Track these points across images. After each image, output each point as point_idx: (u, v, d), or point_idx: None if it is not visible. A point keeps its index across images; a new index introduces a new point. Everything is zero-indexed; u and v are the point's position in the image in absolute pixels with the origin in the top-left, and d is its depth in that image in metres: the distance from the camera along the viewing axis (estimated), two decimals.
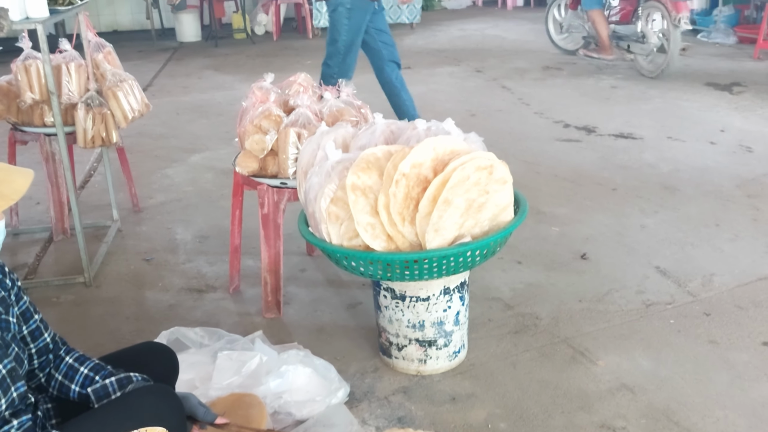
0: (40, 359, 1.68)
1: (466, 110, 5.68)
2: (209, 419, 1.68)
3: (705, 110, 5.46)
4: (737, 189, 3.92)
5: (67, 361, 1.70)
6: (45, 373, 1.69)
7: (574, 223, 3.59)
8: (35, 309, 1.69)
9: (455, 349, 2.45)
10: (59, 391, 1.69)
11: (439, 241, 2.17)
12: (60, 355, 1.72)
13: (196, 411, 1.67)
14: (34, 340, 1.67)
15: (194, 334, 2.47)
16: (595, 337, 2.62)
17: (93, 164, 4.62)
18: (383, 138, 2.45)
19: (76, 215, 3.07)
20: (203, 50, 8.68)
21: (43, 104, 3.30)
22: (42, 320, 1.70)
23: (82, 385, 1.67)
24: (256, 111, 2.79)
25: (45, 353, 1.69)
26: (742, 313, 2.74)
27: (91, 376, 1.67)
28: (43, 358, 1.69)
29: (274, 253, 2.77)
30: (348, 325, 2.77)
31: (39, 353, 1.68)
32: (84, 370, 1.68)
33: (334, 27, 4.48)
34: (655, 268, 3.10)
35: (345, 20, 4.37)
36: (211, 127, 5.49)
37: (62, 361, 1.71)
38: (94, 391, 1.65)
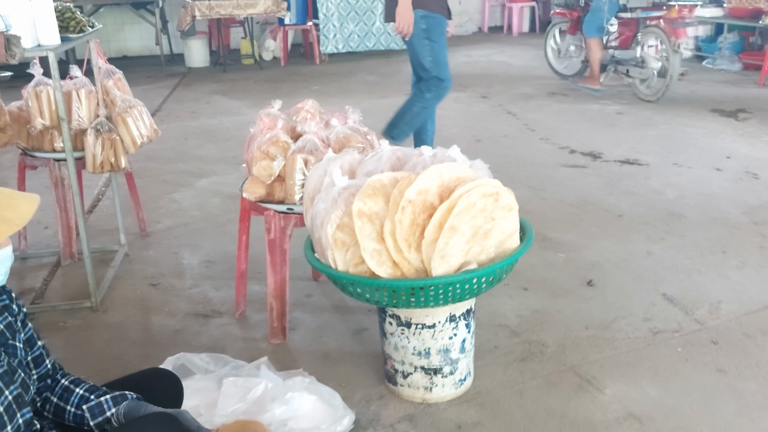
0: (40, 384, 1.69)
1: (471, 136, 5.71)
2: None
3: (711, 137, 5.48)
4: (744, 216, 3.92)
5: (62, 383, 1.72)
6: (42, 397, 1.70)
7: (580, 249, 3.59)
8: (38, 335, 1.70)
9: (461, 376, 2.44)
10: (54, 414, 1.70)
11: (445, 267, 2.18)
12: (56, 379, 1.73)
13: (190, 426, 1.67)
14: (36, 366, 1.67)
15: (200, 360, 2.47)
16: (602, 364, 2.60)
17: (101, 189, 4.65)
18: (389, 164, 2.47)
19: (84, 240, 3.09)
20: (211, 75, 8.77)
21: (53, 130, 3.34)
22: (44, 346, 1.71)
23: (77, 406, 1.68)
24: (264, 137, 2.82)
25: (44, 378, 1.70)
26: (750, 341, 2.72)
27: (87, 396, 1.68)
28: (42, 383, 1.70)
29: (280, 279, 2.77)
30: (353, 352, 2.76)
31: (40, 379, 1.69)
32: (79, 391, 1.69)
33: (415, 53, 4.27)
34: (662, 296, 3.09)
35: (425, 42, 4.21)
36: (218, 151, 5.53)
37: (58, 383, 1.72)
38: (89, 409, 1.65)
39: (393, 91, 7.40)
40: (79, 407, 1.67)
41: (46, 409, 1.70)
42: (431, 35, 4.19)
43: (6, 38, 2.60)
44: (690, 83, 7.23)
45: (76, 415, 1.68)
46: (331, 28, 9.06)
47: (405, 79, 8.11)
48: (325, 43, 9.12)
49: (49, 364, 1.71)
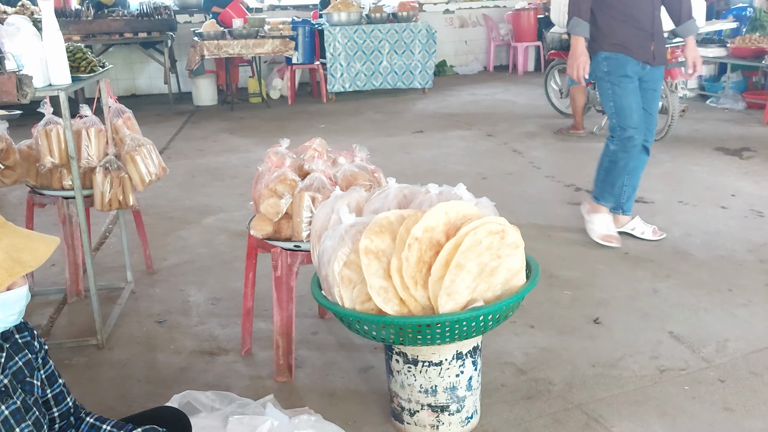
0: (62, 422, 1.69)
1: (477, 173, 5.75)
2: None
3: (715, 175, 5.50)
4: (749, 254, 3.92)
5: (88, 421, 1.72)
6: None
7: (586, 287, 3.59)
8: (59, 373, 1.71)
9: (468, 414, 2.43)
10: None
11: (452, 305, 2.18)
12: (81, 417, 1.73)
13: None
14: (57, 404, 1.68)
15: (206, 398, 2.46)
16: (609, 403, 2.58)
17: (108, 226, 4.69)
18: (396, 202, 2.49)
19: (91, 277, 3.11)
20: (219, 114, 8.88)
21: (62, 168, 3.39)
22: (64, 384, 1.72)
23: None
24: (272, 175, 2.86)
25: (67, 417, 1.70)
26: (758, 379, 2.70)
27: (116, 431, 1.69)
28: (64, 421, 1.70)
29: (286, 316, 2.78)
30: (360, 390, 2.75)
31: (62, 417, 1.69)
32: (107, 427, 1.70)
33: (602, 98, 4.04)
34: (668, 333, 3.08)
35: (607, 86, 3.94)
36: (225, 189, 5.58)
37: (83, 421, 1.72)
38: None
39: (400, 130, 7.48)
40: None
41: None
42: (612, 78, 3.91)
43: (18, 78, 2.65)
44: (694, 122, 7.28)
45: None
46: (338, 67, 9.19)
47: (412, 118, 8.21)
48: (332, 81, 9.24)
49: (70, 401, 1.72)
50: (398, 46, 9.35)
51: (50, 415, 1.66)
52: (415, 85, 9.60)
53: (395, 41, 9.32)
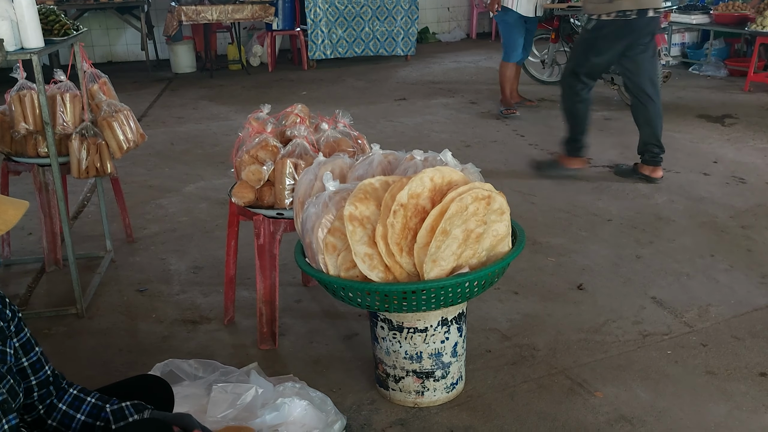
0: (41, 391, 1.66)
1: (461, 141, 5.71)
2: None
3: (698, 142, 5.51)
4: (731, 220, 3.94)
5: (71, 392, 1.69)
6: (45, 405, 1.67)
7: (570, 253, 3.59)
8: (36, 342, 1.67)
9: (453, 380, 2.43)
10: (60, 422, 1.66)
11: (437, 271, 2.16)
12: (63, 387, 1.70)
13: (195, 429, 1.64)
14: (35, 372, 1.64)
15: (188, 366, 2.44)
16: (593, 368, 2.60)
17: (86, 194, 4.60)
18: (380, 169, 2.46)
19: (69, 245, 3.05)
20: (198, 81, 8.72)
21: (37, 135, 3.30)
22: (42, 353, 1.68)
23: (89, 414, 1.65)
24: (253, 141, 2.80)
25: (46, 385, 1.67)
26: (739, 343, 2.73)
27: (101, 405, 1.66)
28: (43, 390, 1.66)
29: (269, 284, 2.75)
30: (344, 357, 2.74)
31: (40, 385, 1.65)
32: (91, 399, 1.67)
33: None
34: (651, 299, 3.09)
35: None
36: (206, 157, 5.50)
37: (66, 392, 1.69)
38: (113, 412, 1.63)
39: (382, 98, 7.40)
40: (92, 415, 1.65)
41: (52, 417, 1.67)
42: None
43: None
44: (676, 89, 7.28)
45: (85, 424, 1.66)
46: (319, 33, 9.05)
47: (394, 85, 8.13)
48: (313, 48, 9.10)
49: (48, 370, 1.68)
50: (380, 12, 9.21)
51: (27, 383, 1.62)
52: (397, 52, 9.49)
53: (377, 7, 9.18)
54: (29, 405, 1.65)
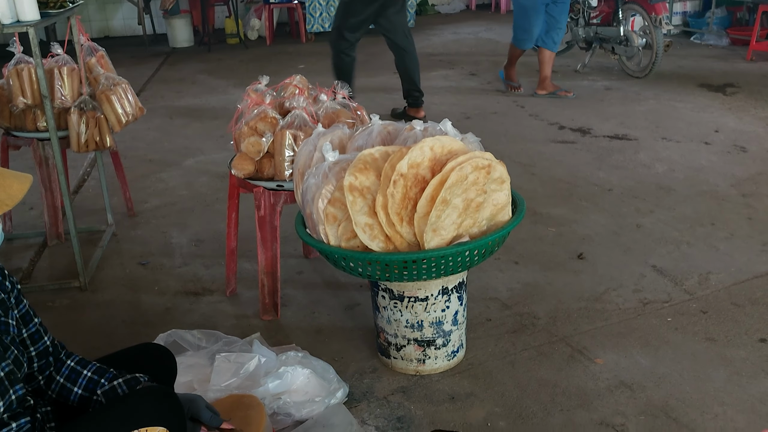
0: (40, 362, 1.67)
1: (461, 113, 5.69)
2: (215, 424, 1.66)
3: (699, 111, 5.49)
4: (732, 188, 3.94)
5: (69, 364, 1.69)
6: (45, 375, 1.68)
7: (570, 223, 3.59)
8: (34, 312, 1.68)
9: (454, 348, 2.45)
10: (59, 395, 1.68)
11: (438, 241, 2.17)
12: (61, 359, 1.70)
13: (202, 414, 1.65)
14: (34, 343, 1.65)
15: (191, 336, 2.46)
16: (593, 335, 2.62)
17: (86, 169, 4.60)
18: (380, 139, 2.45)
19: (70, 219, 3.05)
20: (196, 55, 8.67)
21: (36, 109, 3.29)
22: (41, 323, 1.69)
23: (85, 388, 1.66)
24: (252, 113, 2.79)
25: (45, 356, 1.67)
26: (739, 310, 2.74)
27: (96, 379, 1.66)
28: (42, 361, 1.67)
29: (271, 255, 2.76)
30: (346, 327, 2.76)
31: (39, 356, 1.66)
32: (87, 373, 1.67)
33: None
34: (651, 267, 3.11)
35: None
36: (205, 131, 5.48)
37: (63, 364, 1.69)
38: (104, 393, 1.64)
39: (381, 70, 7.34)
40: (88, 389, 1.66)
41: (51, 388, 1.68)
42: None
43: None
44: (678, 58, 7.22)
45: (82, 398, 1.66)
46: (317, 6, 8.96)
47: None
48: (311, 21, 9.02)
49: (48, 341, 1.69)
50: None
51: (27, 354, 1.63)
52: None
53: None
54: (29, 375, 1.66)
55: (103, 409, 1.53)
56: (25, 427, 1.50)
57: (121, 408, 1.49)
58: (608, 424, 2.14)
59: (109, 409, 1.52)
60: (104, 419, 1.47)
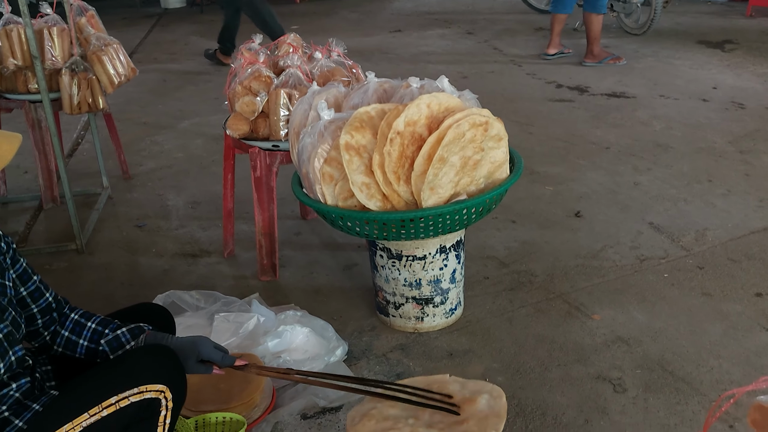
0: (44, 318, 1.67)
1: (457, 72, 5.63)
2: (228, 363, 1.66)
3: (697, 68, 5.44)
4: (730, 145, 3.92)
5: (72, 317, 1.70)
6: (50, 331, 1.69)
7: (567, 182, 3.58)
8: (33, 270, 1.67)
9: (452, 306, 2.46)
10: (65, 348, 1.68)
11: (435, 199, 2.16)
12: (65, 313, 1.71)
13: (213, 356, 1.65)
14: (35, 300, 1.65)
15: (190, 297, 2.47)
16: (590, 292, 2.63)
17: (80, 132, 4.56)
18: (376, 97, 2.42)
19: (65, 182, 3.03)
20: (189, 17, 8.53)
21: (27, 70, 3.23)
22: (41, 281, 1.68)
23: (90, 340, 1.66)
24: (245, 73, 2.75)
25: (48, 312, 1.68)
26: (735, 265, 2.75)
27: (100, 330, 1.67)
28: (47, 317, 1.67)
29: (268, 216, 2.75)
30: (344, 286, 2.77)
31: (42, 313, 1.66)
32: (92, 325, 1.68)
33: None
34: (648, 224, 3.11)
35: None
36: (199, 93, 5.42)
37: (68, 318, 1.70)
38: (108, 343, 1.65)
39: (377, 30, 7.26)
40: (93, 341, 1.66)
41: (57, 342, 1.69)
42: None
43: None
44: (676, 15, 7.14)
45: (89, 349, 1.67)
46: None
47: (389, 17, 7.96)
48: None
49: (50, 297, 1.69)
50: None
51: (29, 312, 1.63)
52: None
53: None
54: (34, 332, 1.66)
55: (103, 368, 1.54)
56: (25, 387, 1.51)
57: (122, 367, 1.50)
58: (605, 378, 2.16)
59: (109, 368, 1.52)
60: (104, 378, 1.48)
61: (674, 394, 2.08)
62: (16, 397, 1.48)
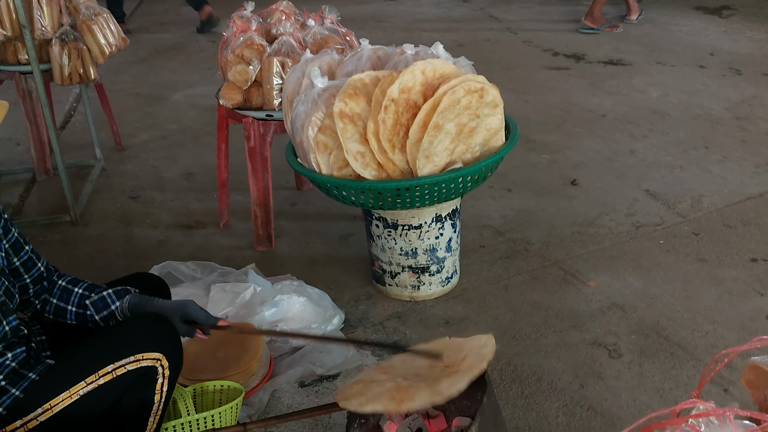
0: (36, 287, 1.67)
1: (453, 40, 5.57)
2: (211, 322, 1.66)
3: (694, 34, 5.39)
4: (726, 111, 3.90)
5: (60, 284, 1.69)
6: (40, 299, 1.68)
7: (563, 150, 3.57)
8: (25, 240, 1.66)
9: (448, 274, 2.46)
10: (56, 315, 1.68)
11: (431, 167, 2.15)
12: (54, 281, 1.70)
13: (198, 316, 1.64)
14: (27, 270, 1.65)
15: (186, 267, 2.46)
16: (586, 259, 2.63)
17: (72, 104, 4.52)
18: (370, 64, 2.39)
19: (57, 154, 3.01)
20: None
21: (16, 41, 3.18)
22: (33, 250, 1.68)
23: (78, 305, 1.66)
24: (238, 41, 2.72)
25: (40, 282, 1.67)
26: (731, 231, 2.76)
27: (87, 294, 1.66)
28: (38, 286, 1.67)
29: (262, 186, 2.74)
30: (340, 256, 2.77)
31: (34, 282, 1.66)
32: (78, 290, 1.67)
33: None
34: (644, 191, 3.10)
35: None
36: (191, 64, 5.36)
37: (56, 285, 1.69)
38: (93, 304, 1.64)
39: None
40: (80, 305, 1.65)
41: (47, 310, 1.69)
42: None
43: None
44: None
45: (78, 314, 1.67)
46: None
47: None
48: None
49: (42, 266, 1.68)
50: None
51: (21, 282, 1.63)
52: None
53: None
54: (26, 301, 1.66)
55: (99, 336, 1.54)
56: (21, 356, 1.51)
57: (118, 335, 1.50)
58: (600, 343, 2.17)
59: (105, 337, 1.52)
60: (101, 347, 1.48)
61: (669, 358, 2.09)
62: (12, 366, 1.48)
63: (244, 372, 1.99)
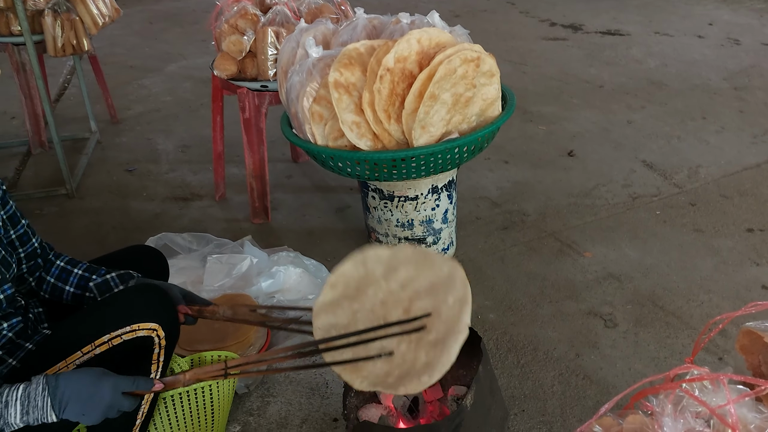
0: (29, 263, 1.66)
1: (449, 11, 5.52)
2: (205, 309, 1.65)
3: (693, 4, 5.35)
4: (724, 82, 3.88)
5: (58, 264, 1.68)
6: (35, 277, 1.67)
7: (560, 121, 3.56)
8: (22, 214, 1.65)
9: (444, 246, 2.46)
10: (51, 294, 1.67)
11: (427, 138, 2.13)
12: (50, 259, 1.69)
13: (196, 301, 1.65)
14: (22, 244, 1.63)
15: (182, 239, 2.46)
16: (583, 230, 2.64)
17: (66, 77, 4.47)
18: (365, 33, 2.37)
19: (52, 127, 2.99)
20: None
21: (8, 11, 3.14)
22: (29, 225, 1.66)
23: (77, 286, 1.65)
24: (232, 10, 2.68)
25: (34, 257, 1.66)
26: (728, 202, 2.76)
27: (87, 276, 1.65)
28: (32, 262, 1.66)
29: (258, 158, 2.73)
30: (337, 228, 2.77)
31: (28, 257, 1.65)
32: (78, 271, 1.66)
33: None
34: (641, 162, 3.10)
35: None
36: (186, 35, 5.31)
37: (53, 264, 1.68)
38: (97, 286, 1.63)
39: None
40: (80, 287, 1.65)
41: (43, 289, 1.68)
42: None
43: None
44: None
45: (75, 295, 1.66)
46: None
47: None
48: None
49: (36, 242, 1.67)
50: None
51: (16, 255, 1.62)
52: None
53: None
54: (19, 277, 1.65)
55: (95, 307, 1.53)
56: (17, 326, 1.51)
57: (114, 306, 1.50)
58: (596, 313, 2.18)
59: (101, 307, 1.52)
60: (97, 317, 1.48)
61: (664, 328, 2.11)
62: (9, 336, 1.48)
63: (241, 342, 1.99)
